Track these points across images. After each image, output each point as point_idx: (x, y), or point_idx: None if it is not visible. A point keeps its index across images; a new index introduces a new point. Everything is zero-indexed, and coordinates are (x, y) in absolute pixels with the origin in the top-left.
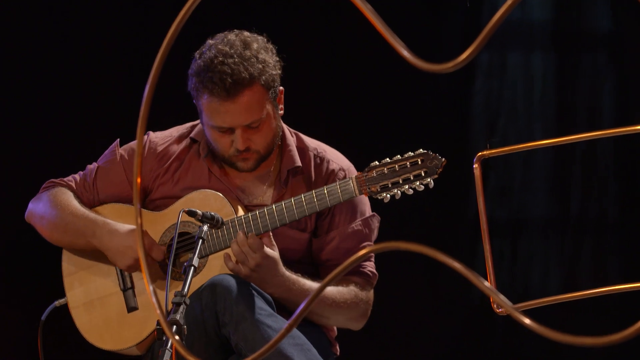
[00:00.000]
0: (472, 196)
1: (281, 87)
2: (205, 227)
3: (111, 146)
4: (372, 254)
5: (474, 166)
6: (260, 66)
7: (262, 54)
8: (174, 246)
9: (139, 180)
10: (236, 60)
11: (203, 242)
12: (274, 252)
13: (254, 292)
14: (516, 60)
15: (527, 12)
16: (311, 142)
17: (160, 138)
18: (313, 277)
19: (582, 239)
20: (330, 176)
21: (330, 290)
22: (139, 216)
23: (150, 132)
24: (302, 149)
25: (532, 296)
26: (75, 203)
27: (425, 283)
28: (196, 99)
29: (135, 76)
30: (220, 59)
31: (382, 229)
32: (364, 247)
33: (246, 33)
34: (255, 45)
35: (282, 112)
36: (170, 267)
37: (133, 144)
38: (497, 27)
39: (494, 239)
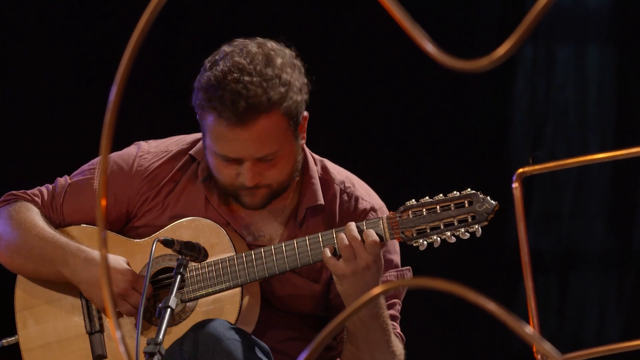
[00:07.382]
0: (511, 222)
1: (305, 113)
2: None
3: (90, 162)
4: (398, 317)
5: (514, 185)
6: (282, 90)
7: (287, 73)
8: (146, 283)
9: (103, 202)
10: (254, 79)
11: (183, 278)
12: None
13: (249, 340)
14: (567, 55)
15: None
16: (338, 174)
17: (153, 154)
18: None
19: None
20: (358, 217)
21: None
22: (103, 247)
23: (142, 143)
24: (327, 181)
25: (585, 344)
26: (42, 223)
27: (454, 328)
28: (200, 117)
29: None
30: (236, 75)
31: (402, 262)
32: (393, 304)
33: (271, 44)
34: (279, 62)
35: (304, 140)
36: (142, 309)
37: (117, 156)
38: (544, 14)
39: (538, 275)
